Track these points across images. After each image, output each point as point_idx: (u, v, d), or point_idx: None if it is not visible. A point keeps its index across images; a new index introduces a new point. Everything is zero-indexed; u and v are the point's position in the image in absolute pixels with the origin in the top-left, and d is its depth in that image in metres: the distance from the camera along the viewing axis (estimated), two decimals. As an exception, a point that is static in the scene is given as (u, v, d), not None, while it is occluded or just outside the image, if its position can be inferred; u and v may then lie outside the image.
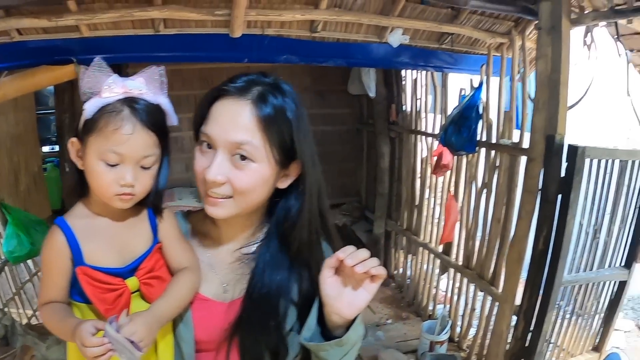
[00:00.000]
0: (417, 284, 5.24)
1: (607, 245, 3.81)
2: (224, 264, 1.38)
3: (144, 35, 3.14)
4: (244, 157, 1.20)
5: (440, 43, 4.08)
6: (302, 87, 6.36)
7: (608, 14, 3.10)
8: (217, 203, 1.24)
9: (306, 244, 1.34)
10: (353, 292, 1.22)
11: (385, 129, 5.56)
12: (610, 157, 3.49)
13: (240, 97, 1.22)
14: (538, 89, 3.32)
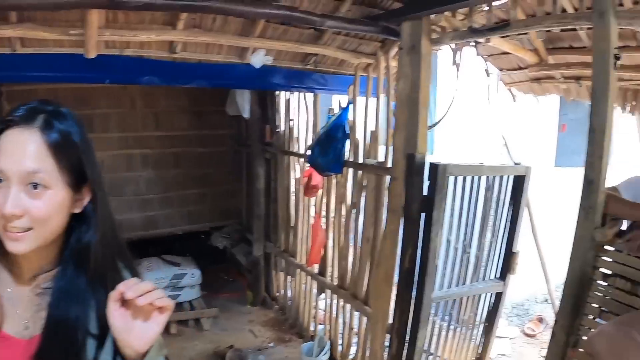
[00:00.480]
0: (298, 305, 5.18)
1: (479, 259, 3.89)
2: (24, 299, 1.30)
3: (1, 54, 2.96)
4: (38, 185, 1.16)
5: (305, 64, 4.06)
6: (180, 107, 6.22)
7: (467, 33, 3.17)
8: (18, 238, 1.17)
9: (102, 269, 1.30)
10: (143, 324, 1.18)
11: (260, 150, 5.49)
12: (472, 173, 3.57)
13: (26, 126, 1.17)
14: (398, 109, 3.35)
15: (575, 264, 2.45)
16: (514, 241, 3.93)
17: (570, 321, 2.48)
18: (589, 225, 2.37)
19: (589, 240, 2.38)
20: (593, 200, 2.35)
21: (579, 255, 2.43)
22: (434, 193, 3.25)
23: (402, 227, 3.39)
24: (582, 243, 2.41)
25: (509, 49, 3.74)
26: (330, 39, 3.88)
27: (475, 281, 3.91)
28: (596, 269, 2.48)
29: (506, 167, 3.78)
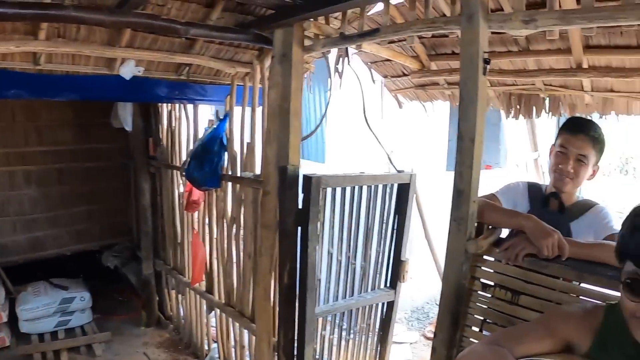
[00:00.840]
0: (191, 324, 4.98)
1: (366, 269, 3.80)
2: None
3: None
4: None
5: (178, 74, 3.89)
6: (64, 121, 5.89)
7: (338, 40, 3.08)
8: None
9: None
10: None
11: (145, 164, 5.24)
12: (351, 184, 3.47)
13: None
14: (269, 119, 3.24)
15: (449, 277, 2.37)
16: (401, 249, 3.87)
17: (450, 335, 2.40)
18: (461, 237, 2.29)
19: (462, 252, 2.30)
20: (464, 211, 2.28)
21: (453, 268, 2.35)
22: (309, 206, 3.14)
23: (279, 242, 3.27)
24: (455, 256, 2.33)
25: (387, 55, 3.69)
26: (204, 48, 3.73)
27: (364, 292, 3.83)
28: (475, 280, 2.42)
29: (388, 176, 3.72)
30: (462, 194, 2.28)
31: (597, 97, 3.47)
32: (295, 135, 3.14)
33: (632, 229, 1.44)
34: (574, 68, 3.23)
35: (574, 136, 2.51)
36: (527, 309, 2.23)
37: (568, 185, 2.55)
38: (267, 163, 3.25)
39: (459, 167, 2.29)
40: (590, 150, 2.48)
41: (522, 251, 2.20)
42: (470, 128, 2.24)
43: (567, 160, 2.50)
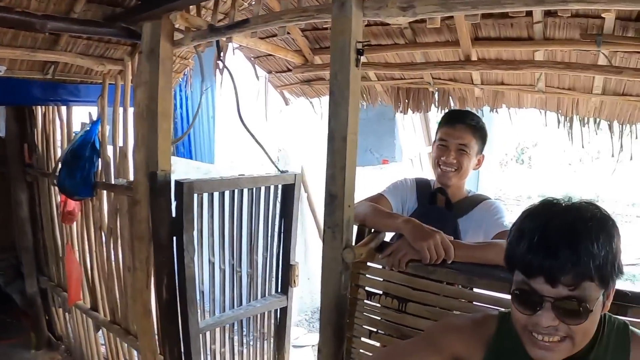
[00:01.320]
0: (81, 344, 4.61)
1: (253, 277, 3.58)
2: None
3: None
4: None
5: (45, 73, 3.55)
6: None
7: (207, 33, 2.84)
8: None
9: None
10: None
11: (21, 172, 4.80)
12: (228, 188, 3.24)
13: None
14: (137, 122, 2.96)
15: (328, 288, 2.17)
16: (290, 253, 3.67)
17: (335, 348, 2.20)
18: (336, 246, 2.10)
19: (339, 262, 2.10)
20: (338, 217, 2.09)
21: (331, 278, 2.15)
22: (182, 214, 2.89)
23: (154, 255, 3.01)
24: (332, 265, 2.13)
25: (266, 49, 3.49)
26: (70, 43, 3.41)
27: (254, 300, 3.61)
28: (360, 288, 2.26)
29: (270, 177, 3.50)
30: (336, 198, 2.09)
31: (488, 90, 3.40)
32: (164, 138, 2.88)
33: (518, 236, 1.30)
34: (462, 60, 3.14)
35: (452, 127, 2.47)
36: (416, 317, 2.09)
37: (453, 178, 2.48)
38: (136, 169, 2.97)
39: (331, 169, 2.10)
40: (471, 139, 2.45)
41: (405, 257, 2.06)
42: (341, 126, 2.06)
43: (449, 152, 2.45)
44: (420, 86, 3.59)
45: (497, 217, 2.38)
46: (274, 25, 2.67)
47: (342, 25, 2.03)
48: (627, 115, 2.98)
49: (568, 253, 1.19)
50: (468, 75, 3.30)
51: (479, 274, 1.94)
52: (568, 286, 1.21)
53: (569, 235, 1.21)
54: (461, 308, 1.97)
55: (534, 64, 2.90)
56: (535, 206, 1.34)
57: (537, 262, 1.22)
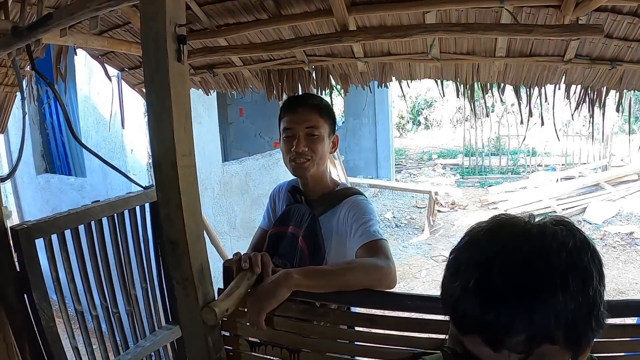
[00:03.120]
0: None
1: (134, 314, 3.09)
2: None
3: None
4: None
5: None
6: None
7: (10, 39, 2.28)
8: None
9: None
10: None
11: None
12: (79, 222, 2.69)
13: None
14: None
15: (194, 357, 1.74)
16: (173, 277, 3.20)
17: None
18: (192, 305, 1.66)
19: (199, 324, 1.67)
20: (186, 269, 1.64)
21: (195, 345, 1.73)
22: (25, 267, 2.36)
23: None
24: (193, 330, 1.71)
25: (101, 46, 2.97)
26: None
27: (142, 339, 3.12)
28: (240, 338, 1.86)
29: (132, 198, 2.98)
30: (178, 247, 1.62)
31: (373, 63, 2.97)
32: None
33: (453, 271, 0.91)
34: (338, 32, 2.64)
35: (295, 113, 2.23)
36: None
37: (310, 169, 2.21)
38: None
39: (164, 208, 1.62)
40: (319, 120, 2.22)
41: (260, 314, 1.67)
42: (168, 149, 1.56)
43: (298, 141, 2.18)
44: (293, 66, 3.16)
45: (366, 220, 2.06)
46: (84, 17, 2.12)
47: (152, 5, 1.52)
48: (536, 77, 2.66)
49: (518, 310, 0.81)
50: (348, 49, 2.88)
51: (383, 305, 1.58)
52: (517, 353, 0.81)
53: (523, 280, 0.82)
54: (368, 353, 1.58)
55: (425, 29, 2.43)
56: (480, 228, 0.93)
57: (472, 316, 0.84)
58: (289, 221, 2.28)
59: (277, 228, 2.32)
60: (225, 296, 1.65)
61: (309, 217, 2.21)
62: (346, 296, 1.65)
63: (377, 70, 3.02)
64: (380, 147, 12.96)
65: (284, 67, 3.19)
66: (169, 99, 1.51)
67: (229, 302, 1.64)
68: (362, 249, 1.92)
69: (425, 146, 19.24)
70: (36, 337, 2.50)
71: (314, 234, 2.16)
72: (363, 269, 1.75)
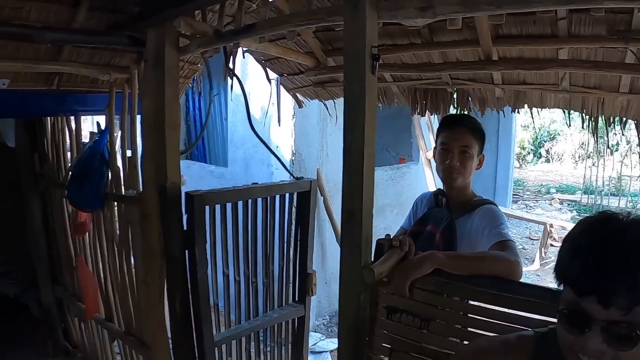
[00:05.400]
0: (96, 354, 4.56)
1: (268, 287, 3.50)
2: None
3: None
4: None
5: (49, 85, 3.47)
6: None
7: (213, 39, 2.75)
8: None
9: None
10: None
11: (33, 182, 4.76)
12: (241, 198, 3.15)
13: None
14: (145, 133, 2.88)
15: (347, 310, 2.08)
16: (307, 261, 3.58)
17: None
18: (355, 265, 1.99)
19: (358, 282, 2.00)
20: (356, 235, 1.98)
21: (350, 299, 2.05)
22: (193, 227, 2.80)
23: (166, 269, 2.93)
24: (350, 286, 2.04)
25: (276, 52, 3.38)
26: (74, 53, 3.31)
27: (270, 310, 3.53)
28: (379, 305, 2.16)
29: (285, 185, 3.41)
30: (353, 216, 1.98)
31: (509, 90, 3.24)
32: (172, 149, 2.79)
33: (572, 254, 1.21)
34: (482, 60, 2.96)
35: (453, 131, 2.60)
36: (439, 336, 2.00)
37: (458, 180, 2.57)
38: (146, 182, 2.89)
39: (348, 185, 2.00)
40: (471, 140, 2.56)
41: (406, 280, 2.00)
42: (357, 140, 1.94)
43: (452, 155, 2.54)
44: (438, 87, 3.47)
45: (497, 224, 2.37)
46: (283, 30, 2.58)
47: (355, 28, 1.91)
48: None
49: (624, 276, 1.11)
50: (488, 75, 3.16)
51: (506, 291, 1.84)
52: (621, 310, 1.12)
53: (627, 256, 1.13)
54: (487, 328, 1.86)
55: (558, 63, 2.74)
56: (590, 222, 1.26)
57: (590, 283, 1.15)
58: (428, 222, 2.63)
59: (417, 227, 2.68)
60: (380, 263, 1.99)
61: (447, 219, 2.55)
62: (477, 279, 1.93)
63: (511, 97, 3.27)
64: (499, 175, 12.90)
65: (429, 86, 3.50)
66: (363, 101, 1.90)
67: (383, 268, 1.97)
68: (493, 247, 2.22)
69: (544, 179, 18.87)
70: (187, 287, 2.94)
71: (450, 233, 2.50)
72: (495, 259, 2.04)
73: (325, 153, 5.71)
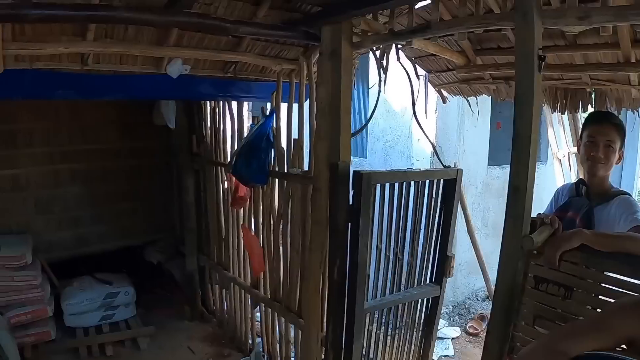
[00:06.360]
0: (235, 319, 5.03)
1: (412, 265, 3.80)
2: None
3: None
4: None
5: (225, 72, 3.93)
6: (108, 120, 5.97)
7: (388, 37, 3.07)
8: None
9: None
10: None
11: (189, 161, 5.31)
12: (400, 179, 3.47)
13: None
14: (319, 117, 3.25)
15: (505, 274, 2.36)
16: (447, 245, 3.86)
17: (503, 331, 2.40)
18: (517, 234, 2.29)
19: (517, 250, 2.30)
20: (520, 208, 2.27)
21: (509, 265, 2.35)
22: (360, 202, 3.15)
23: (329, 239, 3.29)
24: (511, 253, 2.33)
25: (434, 50, 3.67)
26: (250, 45, 3.75)
27: (410, 287, 3.83)
28: (528, 276, 2.41)
29: (436, 171, 3.71)
30: (519, 191, 2.28)
31: (645, 92, 3.43)
32: (345, 132, 3.16)
33: None
34: (621, 62, 3.18)
35: (600, 126, 2.79)
36: (580, 305, 2.24)
37: (600, 171, 2.77)
38: (317, 160, 3.26)
39: (516, 165, 2.30)
40: (616, 136, 2.74)
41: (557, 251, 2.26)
42: (526, 126, 2.24)
43: (597, 148, 2.75)
44: (577, 87, 3.67)
45: (633, 211, 2.59)
46: (455, 31, 2.87)
47: (525, 33, 2.21)
48: None
49: None
50: (626, 77, 3.34)
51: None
52: None
53: None
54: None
55: None
56: None
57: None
58: (569, 209, 2.84)
59: (559, 213, 2.90)
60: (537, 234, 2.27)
61: (587, 206, 2.78)
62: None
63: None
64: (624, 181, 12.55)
65: (569, 86, 3.71)
66: (532, 95, 2.20)
67: (539, 238, 2.26)
68: (631, 231, 2.42)
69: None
70: (345, 257, 3.28)
71: (589, 219, 2.73)
72: (636, 239, 2.22)
73: (462, 148, 5.93)
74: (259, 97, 4.29)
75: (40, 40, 2.96)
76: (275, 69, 4.00)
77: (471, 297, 6.60)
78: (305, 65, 3.74)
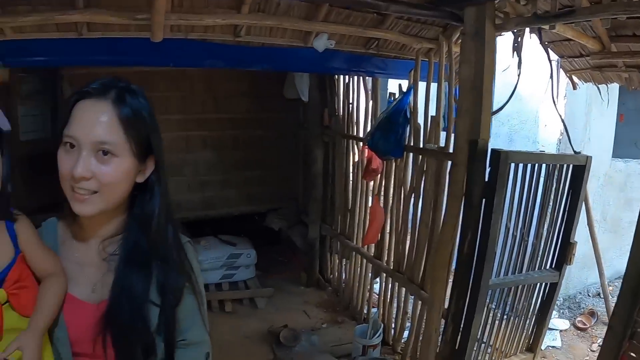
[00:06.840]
0: (352, 288, 5.24)
1: (536, 248, 3.86)
2: (92, 263, 1.40)
3: (68, 38, 3.02)
4: (107, 152, 1.25)
5: (367, 48, 4.08)
6: (240, 91, 6.29)
7: (531, 19, 3.13)
8: (84, 199, 1.27)
9: (161, 237, 1.40)
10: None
11: (319, 133, 5.55)
12: (533, 161, 3.54)
13: (100, 98, 1.28)
14: (461, 95, 3.34)
15: (636, 257, 2.42)
16: (571, 231, 3.87)
17: (629, 313, 2.44)
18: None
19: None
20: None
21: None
22: (496, 180, 3.24)
23: (462, 213, 3.40)
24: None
25: (571, 35, 3.67)
26: (393, 23, 3.87)
27: (531, 270, 3.88)
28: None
29: (566, 156, 3.73)
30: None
31: None
32: (486, 111, 3.24)
33: None
34: None
35: None
36: None
37: None
38: (458, 137, 3.37)
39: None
40: None
41: None
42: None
43: None
44: None
45: None
46: (599, 17, 2.88)
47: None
48: None
49: None
50: None
51: None
52: None
53: None
54: None
55: None
56: None
57: None
58: None
59: None
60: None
61: None
62: None
63: None
64: None
65: None
66: None
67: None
68: None
69: None
70: (477, 232, 3.38)
71: None
72: None
73: (587, 137, 5.82)
74: (394, 74, 4.43)
75: (196, 12, 3.19)
76: (415, 47, 4.12)
77: (582, 292, 6.49)
78: (445, 45, 3.84)
